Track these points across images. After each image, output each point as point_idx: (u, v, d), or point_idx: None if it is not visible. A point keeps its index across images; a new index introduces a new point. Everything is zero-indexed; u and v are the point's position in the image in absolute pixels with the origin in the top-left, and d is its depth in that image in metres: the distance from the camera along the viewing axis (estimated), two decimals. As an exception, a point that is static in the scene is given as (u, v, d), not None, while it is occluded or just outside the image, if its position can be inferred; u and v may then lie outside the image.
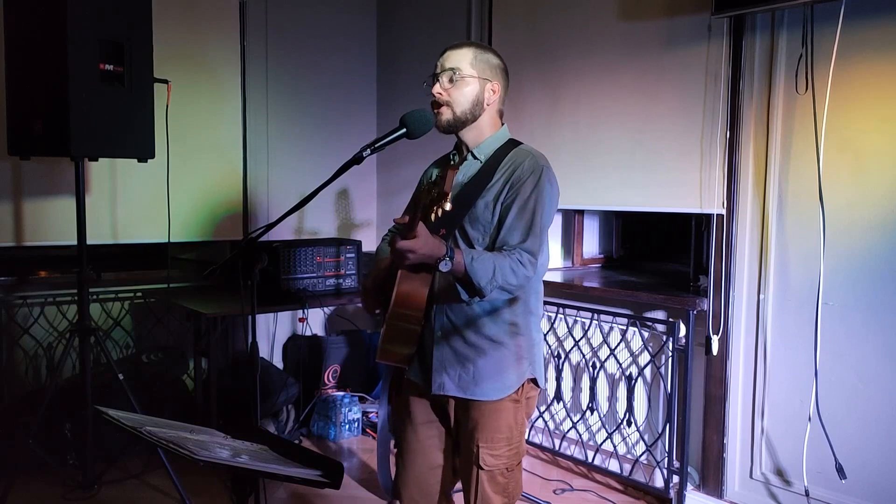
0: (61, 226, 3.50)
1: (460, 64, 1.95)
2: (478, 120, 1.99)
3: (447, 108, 1.95)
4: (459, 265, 1.77)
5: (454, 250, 1.77)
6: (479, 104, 1.97)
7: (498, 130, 2.03)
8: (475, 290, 1.81)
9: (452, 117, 1.96)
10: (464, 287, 1.83)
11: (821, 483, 2.74)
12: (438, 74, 1.96)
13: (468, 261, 1.78)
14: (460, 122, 1.97)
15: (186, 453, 1.40)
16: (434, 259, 1.74)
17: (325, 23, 4.50)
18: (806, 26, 2.67)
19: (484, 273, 1.79)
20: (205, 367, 3.72)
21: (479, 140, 2.00)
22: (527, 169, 1.91)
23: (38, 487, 3.19)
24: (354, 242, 4.02)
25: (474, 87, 1.96)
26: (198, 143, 3.98)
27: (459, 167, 2.01)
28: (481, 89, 1.97)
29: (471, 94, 1.95)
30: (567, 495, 3.32)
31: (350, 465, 3.64)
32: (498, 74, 2.00)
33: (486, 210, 1.92)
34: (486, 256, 1.81)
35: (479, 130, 2.00)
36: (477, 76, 1.96)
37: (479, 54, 1.98)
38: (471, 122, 1.98)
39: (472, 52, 1.97)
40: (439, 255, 1.73)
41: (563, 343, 3.56)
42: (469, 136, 2.00)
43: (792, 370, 2.82)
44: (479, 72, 1.96)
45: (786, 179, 2.82)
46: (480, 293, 1.81)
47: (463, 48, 1.98)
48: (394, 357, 1.98)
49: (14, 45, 2.97)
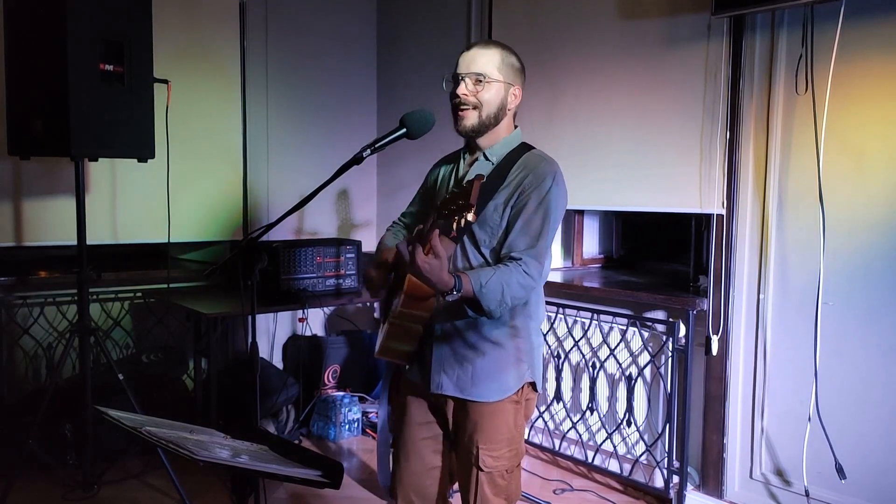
0: (61, 226, 3.50)
1: (488, 67, 1.91)
2: (498, 124, 1.96)
3: (474, 112, 1.91)
4: (468, 293, 1.76)
5: (461, 280, 1.74)
6: (502, 108, 1.94)
7: (511, 133, 2.01)
8: (484, 313, 1.81)
9: (478, 121, 1.92)
10: (472, 308, 1.83)
11: (821, 483, 2.74)
12: (463, 75, 1.92)
13: (477, 288, 1.76)
14: (484, 126, 1.93)
15: (186, 453, 1.40)
16: (440, 291, 1.73)
17: (325, 23, 4.50)
18: (806, 26, 2.67)
19: (493, 297, 1.78)
20: (205, 367, 3.72)
21: (493, 142, 1.98)
22: (539, 174, 1.89)
23: (38, 487, 3.19)
24: (354, 242, 4.02)
25: (500, 90, 1.92)
26: (198, 143, 3.98)
27: (471, 165, 2.00)
28: (506, 94, 1.94)
29: (497, 98, 1.92)
30: (567, 495, 3.32)
31: (350, 465, 3.64)
32: (519, 78, 1.98)
33: (495, 213, 1.90)
34: (493, 280, 1.78)
35: (495, 133, 1.97)
36: (503, 80, 1.93)
37: (505, 57, 1.94)
38: (493, 127, 1.95)
39: (499, 54, 1.94)
40: (446, 290, 1.72)
41: (563, 343, 3.56)
42: (486, 139, 1.97)
43: (792, 370, 2.82)
44: (504, 76, 1.93)
45: (786, 179, 2.82)
46: (489, 315, 1.82)
47: (491, 49, 1.94)
48: (394, 354, 1.99)
49: (14, 45, 2.97)
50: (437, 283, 1.69)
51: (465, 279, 1.76)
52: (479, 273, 1.80)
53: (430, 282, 1.69)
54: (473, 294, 1.76)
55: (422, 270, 1.66)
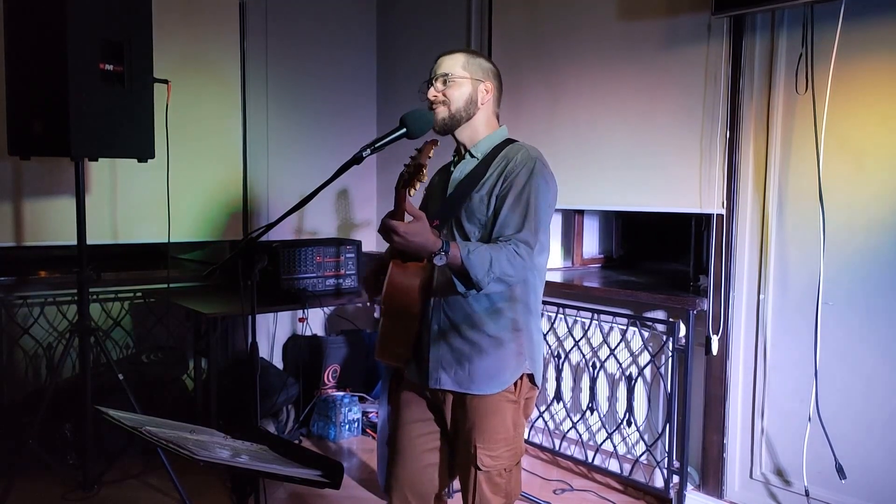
0: (61, 226, 3.50)
1: (453, 68, 2.03)
2: (472, 119, 2.04)
3: (443, 107, 2.02)
4: (455, 258, 1.78)
5: (450, 244, 1.78)
6: (472, 103, 2.03)
7: (495, 130, 2.09)
8: (472, 283, 1.81)
9: (448, 115, 2.02)
10: (461, 280, 1.84)
11: (821, 483, 2.74)
12: (432, 79, 2.05)
13: (464, 254, 1.78)
14: (455, 119, 2.03)
15: (186, 453, 1.40)
16: (429, 252, 1.76)
17: (325, 23, 4.50)
18: (806, 26, 2.67)
19: (481, 265, 1.79)
20: (205, 367, 3.72)
21: (475, 139, 2.06)
22: (520, 161, 1.95)
23: (38, 487, 3.19)
24: (354, 242, 4.02)
25: (467, 87, 2.03)
26: (198, 143, 3.98)
27: (457, 164, 2.08)
28: (474, 89, 2.04)
29: (465, 93, 2.03)
30: (567, 495, 3.32)
31: (350, 465, 3.65)
32: (490, 76, 2.07)
33: (481, 204, 1.96)
34: (482, 248, 1.82)
35: (473, 129, 2.06)
36: (469, 77, 2.03)
37: (470, 58, 2.06)
38: (465, 121, 2.04)
39: (463, 56, 2.06)
40: (434, 250, 1.75)
41: (563, 343, 3.56)
42: (464, 134, 2.06)
43: (792, 370, 2.82)
44: (471, 73, 2.04)
45: (786, 179, 2.82)
46: (477, 286, 1.81)
47: (455, 54, 2.07)
48: (390, 355, 2.00)
49: (14, 45, 2.97)
50: (424, 242, 1.73)
51: (453, 245, 1.79)
52: (468, 243, 1.85)
53: (416, 244, 1.73)
54: (461, 260, 1.78)
55: (406, 236, 1.71)
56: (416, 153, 1.81)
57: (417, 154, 1.80)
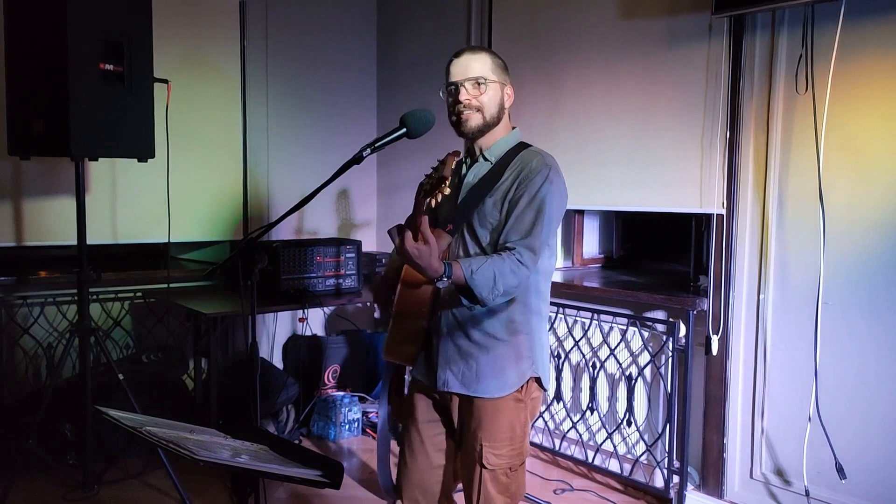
0: (61, 226, 3.50)
1: (484, 70, 1.97)
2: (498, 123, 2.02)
3: (478, 114, 1.97)
4: (459, 279, 1.78)
5: (451, 267, 1.76)
6: (501, 108, 2.01)
7: (509, 133, 2.06)
8: (477, 301, 1.82)
9: (482, 122, 1.98)
10: (465, 296, 1.84)
11: (821, 483, 2.74)
12: (461, 82, 1.97)
13: (468, 274, 1.78)
14: (488, 126, 1.99)
15: (186, 453, 1.40)
16: (430, 277, 1.76)
17: (325, 22, 4.50)
18: (806, 26, 2.67)
19: (485, 284, 1.79)
20: (205, 367, 3.72)
21: (490, 142, 2.03)
22: (534, 168, 1.93)
23: (38, 487, 3.19)
24: (354, 242, 4.02)
25: (497, 91, 1.99)
26: (198, 143, 3.98)
27: (471, 167, 2.04)
28: (502, 93, 2.01)
29: (496, 99, 1.99)
30: (567, 495, 3.32)
31: (350, 465, 3.64)
32: (508, 77, 2.04)
33: (494, 208, 1.94)
34: (485, 266, 1.80)
35: (493, 134, 2.03)
36: (498, 81, 1.99)
37: (494, 59, 2.02)
38: (494, 126, 2.01)
39: (489, 57, 2.01)
40: (434, 276, 1.75)
41: (563, 343, 3.56)
42: (486, 139, 2.02)
43: (792, 370, 2.82)
44: (498, 77, 2.00)
45: (786, 179, 2.82)
46: (482, 303, 1.83)
47: (481, 53, 2.01)
48: (399, 355, 2.01)
49: (14, 45, 2.97)
50: (426, 268, 1.72)
51: (456, 266, 1.78)
52: (471, 260, 1.83)
53: (419, 267, 1.73)
54: (465, 281, 1.78)
55: (411, 255, 1.70)
56: (439, 164, 1.74)
57: (440, 165, 1.73)
